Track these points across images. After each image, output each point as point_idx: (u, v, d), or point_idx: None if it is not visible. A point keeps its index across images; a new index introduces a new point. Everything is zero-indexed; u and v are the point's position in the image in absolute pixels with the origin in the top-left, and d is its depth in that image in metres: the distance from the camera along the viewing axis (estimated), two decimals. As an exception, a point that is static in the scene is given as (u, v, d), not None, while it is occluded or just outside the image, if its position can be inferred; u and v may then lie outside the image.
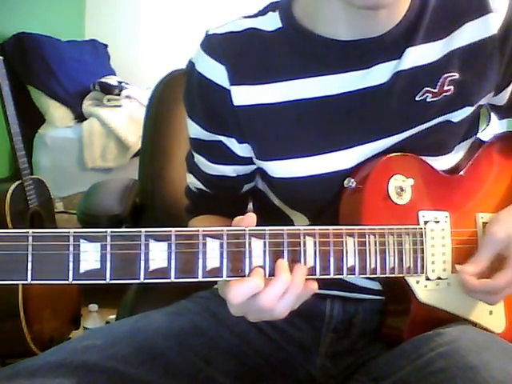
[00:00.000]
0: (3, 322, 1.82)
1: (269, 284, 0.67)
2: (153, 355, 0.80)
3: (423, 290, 0.81)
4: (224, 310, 0.87)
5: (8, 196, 1.83)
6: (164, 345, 0.82)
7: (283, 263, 0.68)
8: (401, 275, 0.79)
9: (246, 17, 0.87)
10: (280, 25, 0.84)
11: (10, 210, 1.83)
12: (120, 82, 2.93)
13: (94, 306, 2.12)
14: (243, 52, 0.84)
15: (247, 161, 0.89)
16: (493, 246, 0.80)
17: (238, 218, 0.70)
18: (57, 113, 2.77)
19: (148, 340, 0.81)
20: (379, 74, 0.82)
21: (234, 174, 0.92)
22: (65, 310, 2.07)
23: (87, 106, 2.83)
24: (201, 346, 0.84)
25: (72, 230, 0.62)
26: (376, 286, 0.88)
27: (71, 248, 0.61)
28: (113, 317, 1.94)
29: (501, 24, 0.82)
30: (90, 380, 0.73)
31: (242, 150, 0.88)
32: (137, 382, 0.76)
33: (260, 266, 0.68)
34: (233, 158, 0.89)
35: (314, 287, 0.70)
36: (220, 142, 0.88)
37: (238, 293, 0.66)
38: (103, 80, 2.89)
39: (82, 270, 0.62)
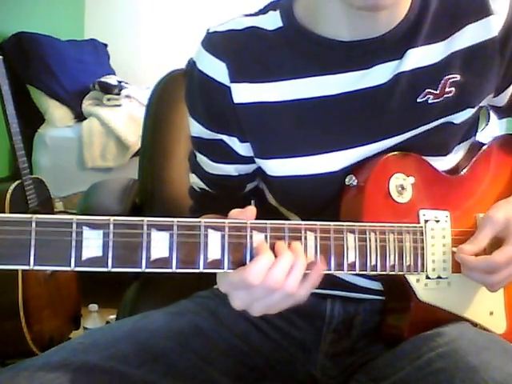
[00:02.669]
0: (3, 322, 1.82)
1: (274, 262, 0.67)
2: (153, 355, 0.79)
3: (423, 289, 0.81)
4: (224, 309, 0.87)
5: (8, 196, 1.83)
6: (164, 345, 0.82)
7: (282, 244, 0.69)
8: (401, 273, 0.79)
9: (246, 15, 0.87)
10: (280, 24, 0.84)
11: (10, 210, 1.83)
12: (120, 82, 2.93)
13: (94, 306, 2.12)
14: (244, 50, 0.84)
15: (249, 160, 0.89)
16: (491, 227, 0.80)
17: (237, 210, 0.70)
18: (56, 112, 2.77)
19: (148, 340, 0.81)
20: (379, 75, 0.82)
21: (236, 174, 0.92)
22: (65, 310, 2.07)
23: (87, 105, 2.83)
24: (201, 346, 0.84)
25: (75, 217, 0.62)
26: (377, 286, 0.88)
27: (74, 235, 0.61)
28: (113, 317, 1.94)
29: (501, 26, 0.82)
30: (91, 380, 0.73)
31: (244, 148, 0.88)
32: (137, 382, 0.76)
33: None
34: (234, 157, 0.89)
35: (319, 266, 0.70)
36: (221, 140, 0.88)
37: (256, 272, 0.65)
38: (103, 79, 2.89)
39: (83, 257, 0.62)
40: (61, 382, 0.71)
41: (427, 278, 0.81)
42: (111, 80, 2.91)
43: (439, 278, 0.82)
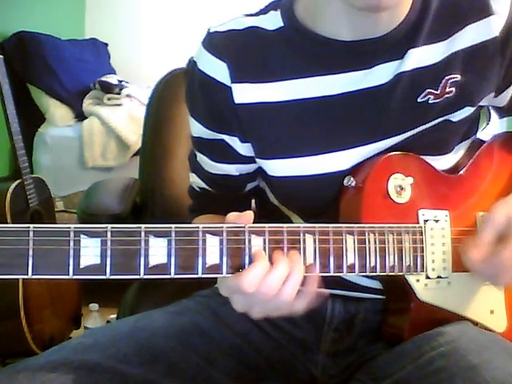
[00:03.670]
0: (4, 322, 1.82)
1: (271, 269, 0.67)
2: (154, 355, 0.80)
3: (423, 289, 0.81)
4: (225, 308, 0.87)
5: (8, 195, 1.83)
6: (165, 344, 0.82)
7: (280, 252, 0.69)
8: (401, 273, 0.79)
9: (247, 15, 0.87)
10: (281, 24, 0.84)
11: (11, 209, 1.83)
12: (120, 81, 2.93)
13: (94, 306, 2.12)
14: (244, 50, 0.84)
15: (250, 160, 0.89)
16: (492, 228, 0.79)
17: (235, 213, 0.70)
18: (57, 112, 2.77)
19: (149, 339, 0.81)
20: (380, 75, 0.82)
21: (237, 173, 0.92)
22: (65, 310, 2.07)
23: (87, 104, 2.83)
24: (202, 345, 0.84)
25: (73, 226, 0.62)
26: (377, 285, 0.88)
27: (72, 243, 0.62)
28: (113, 316, 1.94)
29: (502, 26, 0.82)
30: (91, 379, 0.73)
31: (244, 148, 0.88)
32: (138, 381, 0.76)
33: None
34: (235, 157, 0.89)
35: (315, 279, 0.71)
36: (222, 140, 0.88)
37: (250, 280, 0.65)
38: (103, 79, 2.89)
39: (82, 265, 0.62)
40: (61, 382, 0.71)
41: (427, 277, 0.81)
42: (112, 79, 2.91)
43: (439, 277, 0.82)
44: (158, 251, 0.65)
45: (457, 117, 0.85)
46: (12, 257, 0.60)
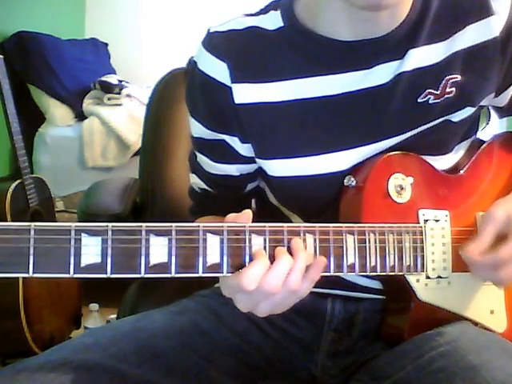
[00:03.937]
0: (4, 322, 1.82)
1: (272, 266, 0.67)
2: (154, 354, 0.80)
3: (424, 289, 0.81)
4: (225, 308, 0.88)
5: (8, 195, 1.83)
6: (165, 344, 0.82)
7: (283, 248, 0.69)
8: (401, 273, 0.79)
9: (247, 15, 0.87)
10: (281, 24, 0.84)
11: (11, 209, 1.83)
12: (120, 81, 2.93)
13: (94, 306, 2.12)
14: (245, 50, 0.84)
15: (250, 160, 0.89)
16: (493, 225, 0.79)
17: (233, 214, 0.70)
18: (57, 111, 2.77)
19: (149, 339, 0.81)
20: (380, 75, 0.82)
21: (238, 174, 0.92)
22: (65, 310, 2.08)
23: (87, 104, 2.83)
24: (202, 345, 0.84)
25: (73, 224, 0.62)
26: (377, 285, 0.88)
27: (72, 242, 0.62)
28: (113, 316, 1.94)
29: (502, 27, 0.82)
30: (91, 379, 0.73)
31: (245, 149, 0.88)
32: (138, 381, 0.76)
33: None
34: (236, 158, 0.89)
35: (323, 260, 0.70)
36: (223, 140, 0.88)
37: (250, 277, 0.65)
38: (103, 79, 2.89)
39: (82, 264, 0.62)
40: (61, 381, 0.71)
41: (427, 277, 0.81)
42: (112, 79, 2.91)
43: (439, 277, 0.82)
44: (158, 250, 0.65)
45: (457, 117, 0.85)
46: (13, 255, 0.60)
